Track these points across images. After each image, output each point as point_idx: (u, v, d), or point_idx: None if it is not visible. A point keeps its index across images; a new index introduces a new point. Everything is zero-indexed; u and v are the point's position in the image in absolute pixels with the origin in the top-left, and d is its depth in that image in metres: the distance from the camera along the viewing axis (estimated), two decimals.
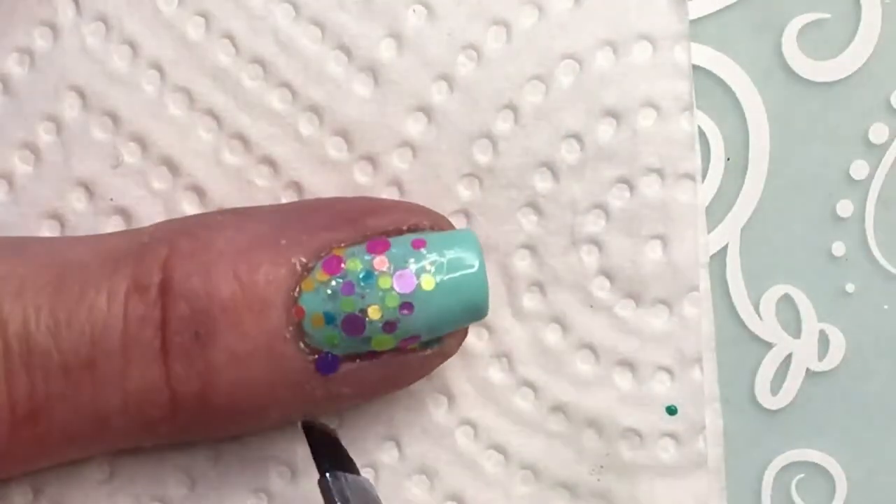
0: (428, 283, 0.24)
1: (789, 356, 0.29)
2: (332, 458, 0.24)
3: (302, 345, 0.24)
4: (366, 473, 0.27)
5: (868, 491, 0.29)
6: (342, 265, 0.24)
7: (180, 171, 0.27)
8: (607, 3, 0.27)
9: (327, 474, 0.24)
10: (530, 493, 0.27)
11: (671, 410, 0.27)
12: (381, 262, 0.24)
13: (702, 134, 0.28)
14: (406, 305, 0.24)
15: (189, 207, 0.27)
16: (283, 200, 0.27)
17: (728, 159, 0.29)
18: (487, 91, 0.27)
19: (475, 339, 0.27)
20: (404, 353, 0.24)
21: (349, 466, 0.24)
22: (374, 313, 0.24)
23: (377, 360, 0.24)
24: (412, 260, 0.24)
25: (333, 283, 0.24)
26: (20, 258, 0.24)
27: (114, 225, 0.27)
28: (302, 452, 0.27)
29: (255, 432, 0.27)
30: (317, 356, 0.24)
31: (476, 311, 0.24)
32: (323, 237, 0.24)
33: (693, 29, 0.28)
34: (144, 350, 0.23)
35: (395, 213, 0.25)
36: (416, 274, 0.24)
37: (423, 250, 0.24)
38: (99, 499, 0.27)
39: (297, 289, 0.24)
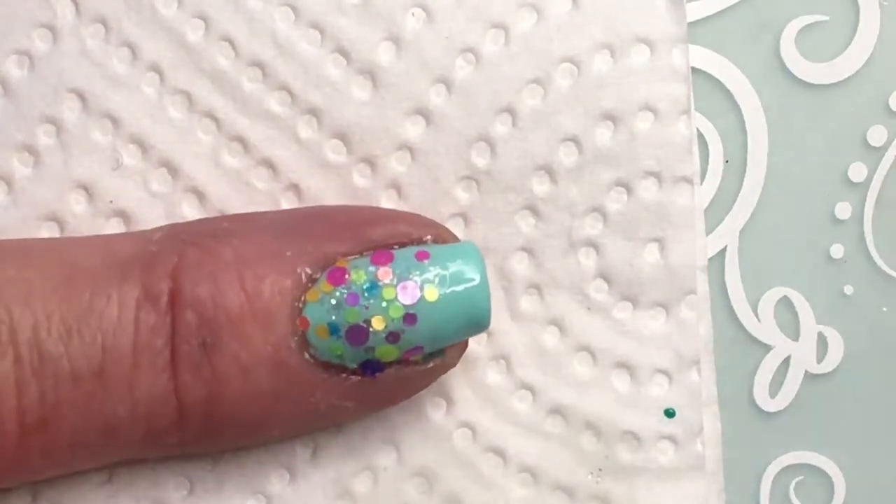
0: (431, 294, 0.24)
1: (788, 358, 0.29)
2: None
3: (307, 355, 0.24)
4: (364, 477, 0.27)
5: (867, 493, 0.29)
6: (346, 276, 0.24)
7: (180, 174, 0.27)
8: (605, 6, 0.27)
9: None
10: (528, 496, 0.27)
11: (669, 413, 0.27)
12: (384, 274, 0.24)
13: (700, 136, 0.28)
14: (409, 316, 0.24)
15: (189, 210, 0.27)
16: (283, 202, 0.27)
17: (727, 161, 0.29)
18: (485, 94, 0.27)
19: (473, 342, 0.28)
20: (407, 366, 0.24)
21: None
22: (377, 324, 0.24)
23: (381, 374, 0.24)
24: (416, 272, 0.24)
25: (338, 293, 0.24)
26: (27, 262, 0.24)
27: (113, 227, 0.27)
28: (301, 455, 0.27)
29: (258, 446, 0.27)
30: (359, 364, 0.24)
31: (478, 324, 0.24)
32: (327, 248, 0.24)
33: (691, 31, 0.28)
34: (154, 359, 0.23)
35: (400, 225, 0.25)
36: (420, 285, 0.24)
37: (426, 262, 0.24)
38: (98, 501, 0.27)
39: (302, 299, 0.24)
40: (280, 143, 0.27)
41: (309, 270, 0.24)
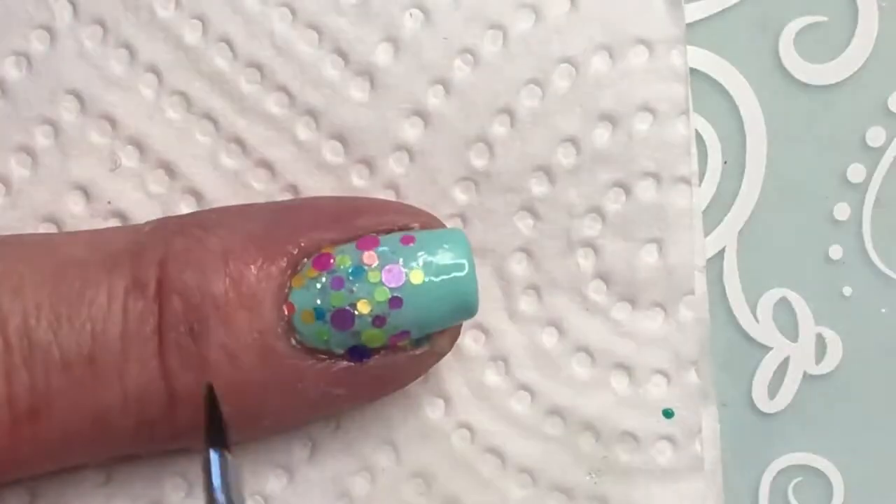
0: (417, 277, 0.24)
1: (786, 360, 0.29)
2: (220, 431, 0.22)
3: (294, 341, 0.24)
4: (362, 477, 0.27)
5: (865, 495, 0.29)
6: (332, 261, 0.24)
7: (178, 175, 0.27)
8: (603, 8, 0.27)
9: (213, 451, 0.21)
10: (527, 497, 0.27)
11: (667, 413, 0.27)
12: (370, 258, 0.24)
13: (699, 137, 0.28)
14: (395, 300, 0.24)
15: (187, 210, 0.27)
16: None
17: (725, 162, 0.29)
18: (484, 95, 0.27)
19: (472, 342, 0.28)
20: (396, 352, 0.24)
21: (227, 442, 0.22)
22: (363, 307, 0.24)
23: (369, 360, 0.24)
24: (401, 255, 0.24)
25: (323, 278, 0.24)
26: (17, 255, 0.24)
27: None
28: (299, 455, 0.27)
29: (250, 440, 0.27)
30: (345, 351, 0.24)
31: (465, 309, 0.24)
32: (314, 236, 0.24)
33: (690, 32, 0.28)
34: (143, 346, 0.23)
35: (386, 213, 0.25)
36: (405, 269, 0.24)
37: (412, 246, 0.24)
38: (96, 501, 0.27)
39: (288, 286, 0.24)
40: (278, 145, 0.27)
41: (296, 258, 0.24)
